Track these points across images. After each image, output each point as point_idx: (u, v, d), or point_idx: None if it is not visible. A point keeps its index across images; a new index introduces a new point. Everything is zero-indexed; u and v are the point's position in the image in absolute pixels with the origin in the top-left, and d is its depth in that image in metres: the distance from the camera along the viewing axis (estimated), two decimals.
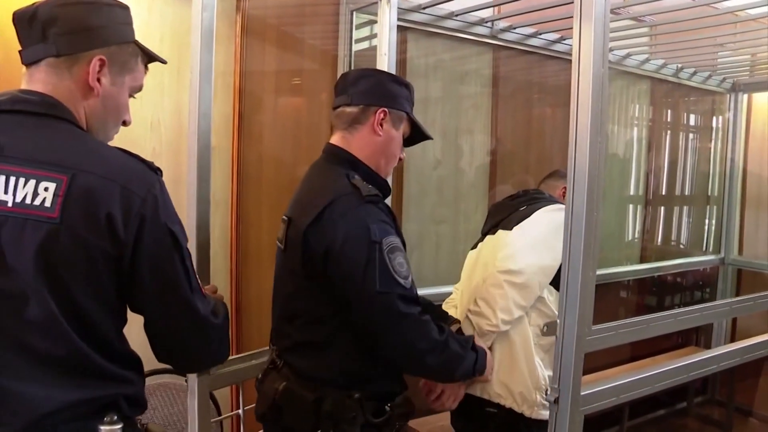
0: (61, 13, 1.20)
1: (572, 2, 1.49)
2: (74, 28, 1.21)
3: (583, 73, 1.50)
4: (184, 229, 1.30)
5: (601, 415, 1.86)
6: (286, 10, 2.69)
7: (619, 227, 4.01)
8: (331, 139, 1.80)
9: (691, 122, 4.42)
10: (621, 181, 3.97)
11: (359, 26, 2.78)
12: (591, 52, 1.48)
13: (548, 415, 1.96)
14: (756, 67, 3.88)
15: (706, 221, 4.45)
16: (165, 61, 1.41)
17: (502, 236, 2.08)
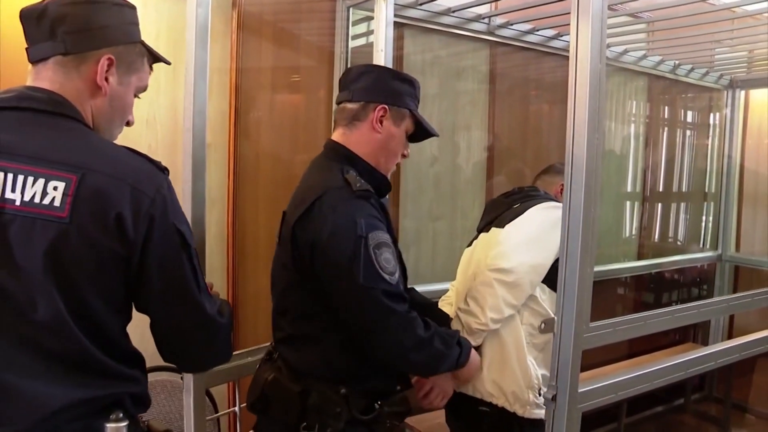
0: (71, 12, 1.20)
1: None
2: (83, 26, 1.21)
3: (581, 70, 1.49)
4: (191, 229, 1.30)
5: (599, 412, 1.86)
6: (283, 6, 2.68)
7: (616, 224, 4.00)
8: (332, 135, 1.81)
9: (689, 119, 4.42)
10: (618, 178, 3.97)
11: (356, 23, 2.78)
12: (588, 48, 1.48)
13: (542, 414, 1.97)
14: (753, 63, 3.88)
15: (703, 218, 4.45)
16: (169, 62, 1.40)
17: (495, 234, 2.08)
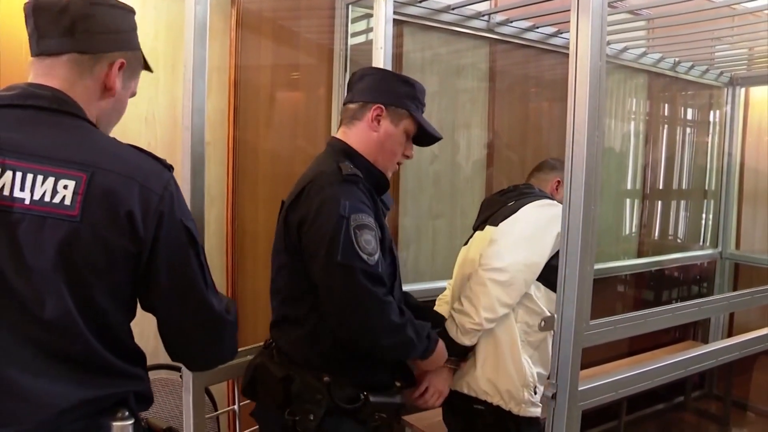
0: (93, 13, 1.21)
1: None
2: (104, 28, 1.23)
3: (581, 67, 1.49)
4: (196, 226, 1.31)
5: (599, 410, 1.86)
6: (282, 4, 2.67)
7: (616, 222, 4.00)
8: (335, 133, 1.87)
9: (689, 116, 4.41)
10: (618, 176, 3.96)
11: (355, 20, 2.77)
12: (588, 45, 1.47)
13: (537, 412, 1.99)
14: (753, 60, 3.87)
15: (704, 215, 4.45)
16: (152, 70, 1.44)
17: (489, 232, 2.07)
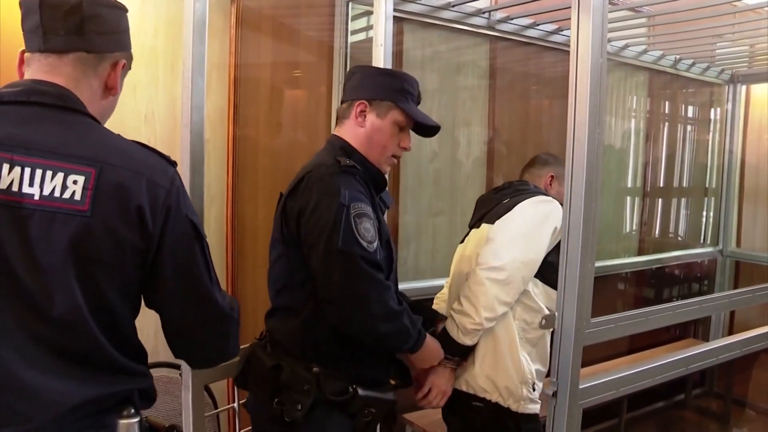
0: (102, 14, 1.23)
1: None
2: (109, 29, 1.25)
3: (582, 64, 1.49)
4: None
5: (599, 408, 1.85)
6: (282, 1, 2.66)
7: (616, 219, 3.99)
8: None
9: (689, 114, 4.40)
10: (619, 173, 3.96)
11: (355, 17, 2.76)
12: (589, 42, 1.47)
13: (536, 408, 1.99)
14: (754, 58, 3.87)
15: (704, 213, 4.45)
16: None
17: (485, 230, 2.07)
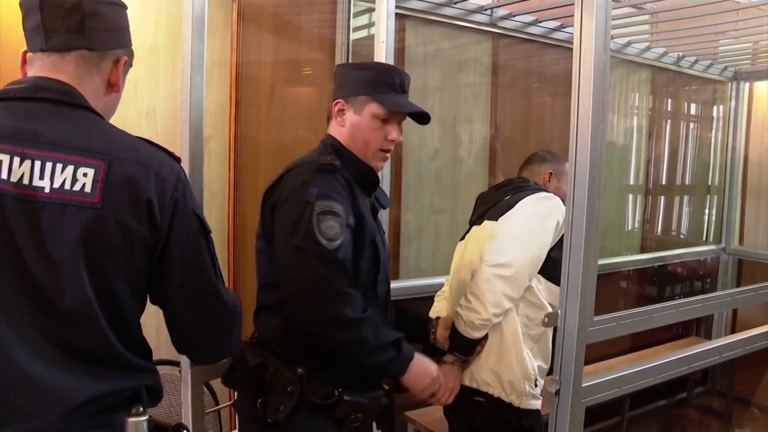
0: (103, 11, 1.23)
1: None
2: (109, 26, 1.25)
3: (585, 60, 1.48)
4: None
5: (602, 406, 1.85)
6: None
7: (619, 217, 3.99)
8: None
9: (692, 111, 4.39)
10: (621, 171, 3.95)
11: (357, 14, 2.76)
12: (592, 39, 1.47)
13: (538, 404, 2.00)
14: (758, 55, 3.85)
15: (707, 211, 4.44)
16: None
17: (489, 227, 2.07)
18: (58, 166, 1.11)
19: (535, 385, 1.98)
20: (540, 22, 3.20)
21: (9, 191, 1.08)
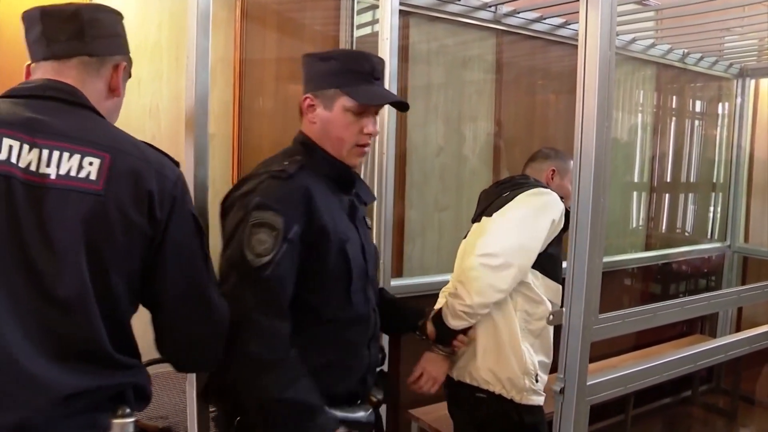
0: (100, 18, 1.29)
1: None
2: (109, 33, 1.31)
3: (590, 57, 1.48)
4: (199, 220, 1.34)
5: (606, 404, 1.84)
6: None
7: (623, 214, 3.98)
8: None
9: (697, 108, 4.37)
10: (626, 168, 3.94)
11: (361, 11, 2.75)
12: (597, 36, 1.46)
13: (540, 400, 2.01)
14: (763, 52, 3.84)
15: (712, 208, 4.42)
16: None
17: (484, 223, 2.10)
18: (65, 155, 1.14)
19: (536, 381, 2.00)
20: (544, 19, 3.19)
21: (17, 176, 1.11)
